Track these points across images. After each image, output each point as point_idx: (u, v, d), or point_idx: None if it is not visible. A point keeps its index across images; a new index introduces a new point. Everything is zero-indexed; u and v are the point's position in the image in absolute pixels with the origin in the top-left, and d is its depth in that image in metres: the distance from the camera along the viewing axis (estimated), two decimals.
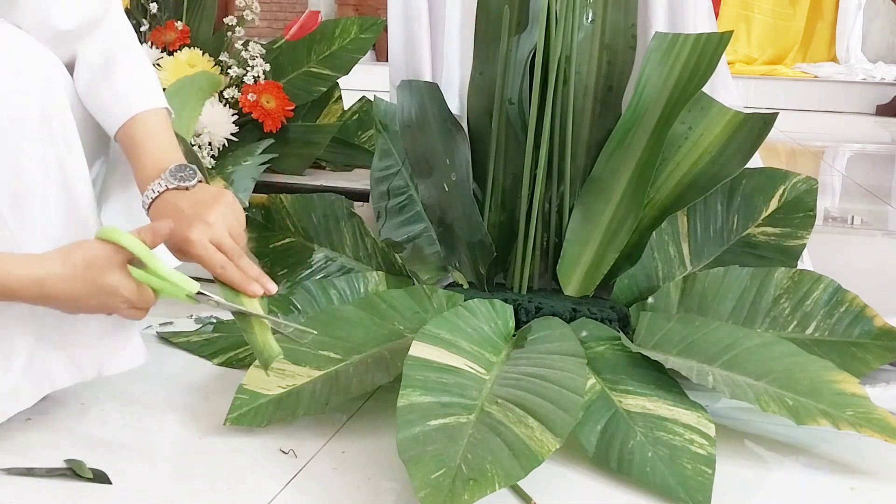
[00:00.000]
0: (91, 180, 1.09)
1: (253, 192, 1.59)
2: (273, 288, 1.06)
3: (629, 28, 1.44)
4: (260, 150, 1.65)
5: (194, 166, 1.08)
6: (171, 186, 1.05)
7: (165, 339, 1.38)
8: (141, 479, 0.98)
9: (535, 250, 1.43)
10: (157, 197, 1.06)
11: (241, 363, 1.27)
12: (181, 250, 1.04)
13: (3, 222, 0.99)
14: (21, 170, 1.00)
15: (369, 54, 2.08)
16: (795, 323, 1.29)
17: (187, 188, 1.06)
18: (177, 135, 1.16)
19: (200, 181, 1.08)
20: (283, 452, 1.04)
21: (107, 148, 1.19)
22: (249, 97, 1.72)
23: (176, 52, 1.76)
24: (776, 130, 1.52)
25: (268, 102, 1.73)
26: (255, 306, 1.05)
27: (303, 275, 1.50)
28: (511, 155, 1.45)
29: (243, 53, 1.78)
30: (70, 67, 1.12)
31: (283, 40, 1.86)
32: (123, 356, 1.11)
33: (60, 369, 1.07)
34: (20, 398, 1.04)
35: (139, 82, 1.13)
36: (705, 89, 1.37)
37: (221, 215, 1.04)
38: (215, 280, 1.06)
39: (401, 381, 1.02)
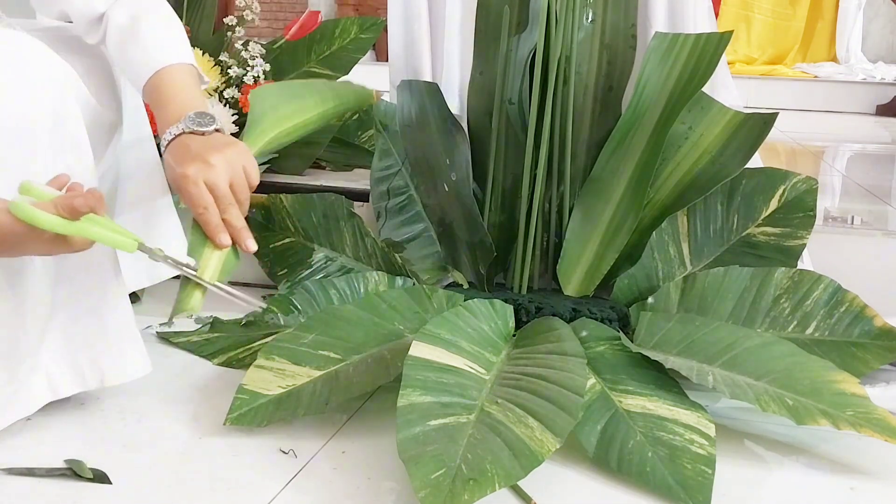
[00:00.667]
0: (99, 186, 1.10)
1: (253, 192, 1.58)
2: (252, 246, 1.06)
3: (629, 28, 1.44)
4: None
5: (215, 116, 1.10)
6: (187, 130, 1.07)
7: (165, 339, 1.37)
8: (141, 479, 0.98)
9: (535, 250, 1.43)
10: (172, 139, 1.08)
11: (241, 363, 1.27)
12: (177, 185, 1.05)
13: None
14: (31, 177, 1.00)
15: (369, 54, 2.08)
16: (795, 323, 1.29)
17: (203, 133, 1.07)
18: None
19: (218, 130, 1.09)
20: (283, 452, 1.04)
21: (113, 150, 1.20)
22: (250, 97, 1.72)
23: None
24: (776, 130, 1.52)
25: None
26: (212, 259, 1.04)
27: (303, 275, 1.50)
28: (511, 155, 1.45)
29: (243, 53, 1.78)
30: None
31: (283, 40, 1.86)
32: (127, 366, 1.12)
33: (64, 378, 1.08)
34: (22, 405, 1.05)
35: (166, 39, 1.16)
36: (705, 89, 1.37)
37: (226, 160, 1.05)
38: (192, 224, 1.06)
39: (401, 381, 1.02)
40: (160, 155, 1.09)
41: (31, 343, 1.03)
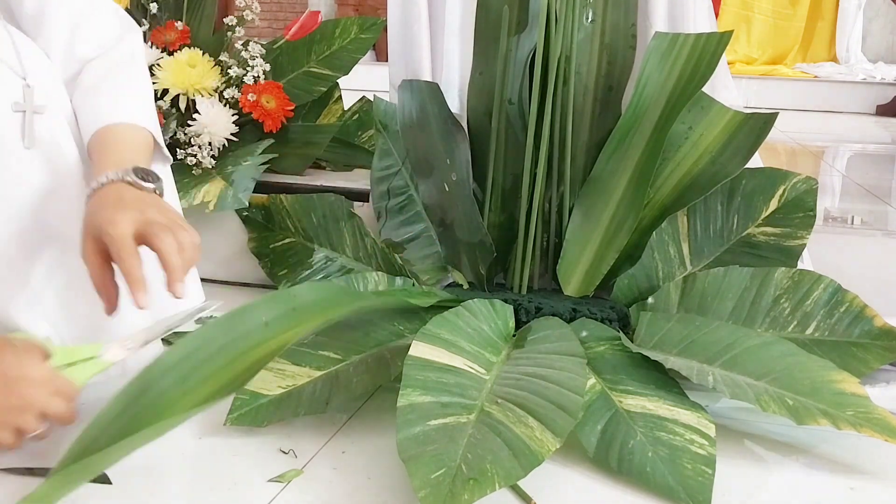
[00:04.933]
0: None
1: (253, 192, 1.58)
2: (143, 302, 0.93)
3: (629, 28, 1.44)
4: (260, 150, 1.65)
5: (159, 176, 1.00)
6: (127, 179, 0.96)
7: (165, 340, 1.37)
8: (141, 479, 0.98)
9: (535, 250, 1.43)
10: (106, 183, 0.96)
11: None
12: (101, 231, 0.92)
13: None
14: None
15: (369, 54, 2.08)
16: (795, 323, 1.29)
17: (142, 188, 0.96)
18: None
19: (159, 193, 0.99)
20: (283, 452, 1.04)
21: None
22: (249, 97, 1.72)
23: (176, 52, 1.76)
24: (776, 130, 1.52)
25: (268, 102, 1.73)
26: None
27: (303, 275, 1.50)
28: (511, 155, 1.45)
29: (243, 53, 1.78)
30: None
31: (283, 40, 1.86)
32: None
33: None
34: None
35: (123, 101, 1.08)
36: (705, 89, 1.37)
37: (168, 219, 0.94)
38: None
39: (401, 381, 1.02)
40: (87, 200, 0.98)
41: None
